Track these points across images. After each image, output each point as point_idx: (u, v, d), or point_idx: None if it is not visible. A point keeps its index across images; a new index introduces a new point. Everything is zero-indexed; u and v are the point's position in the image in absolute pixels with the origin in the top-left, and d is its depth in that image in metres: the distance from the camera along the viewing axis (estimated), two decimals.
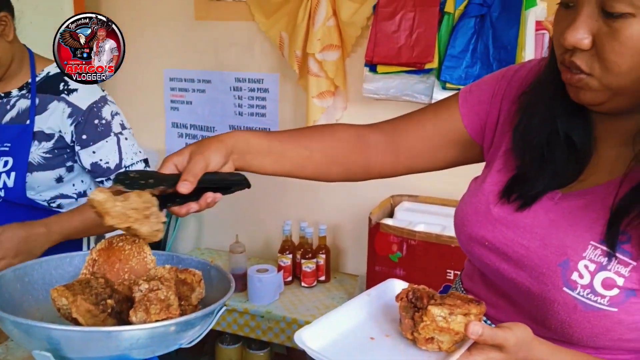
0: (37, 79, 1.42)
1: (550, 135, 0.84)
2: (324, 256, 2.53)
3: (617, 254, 0.76)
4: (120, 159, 1.44)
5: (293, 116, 2.69)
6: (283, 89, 2.68)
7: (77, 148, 1.41)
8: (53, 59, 1.45)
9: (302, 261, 2.50)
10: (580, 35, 0.72)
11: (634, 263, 0.75)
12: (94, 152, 1.42)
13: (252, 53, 2.70)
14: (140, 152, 1.49)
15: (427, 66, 2.18)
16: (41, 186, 1.41)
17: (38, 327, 0.67)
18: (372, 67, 2.30)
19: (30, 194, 1.41)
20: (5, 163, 1.38)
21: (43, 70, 1.44)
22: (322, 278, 2.55)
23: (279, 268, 2.50)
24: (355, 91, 2.49)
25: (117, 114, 1.46)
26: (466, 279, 0.99)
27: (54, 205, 1.45)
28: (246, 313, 2.37)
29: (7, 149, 1.38)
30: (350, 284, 2.56)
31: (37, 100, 1.40)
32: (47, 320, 0.74)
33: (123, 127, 1.46)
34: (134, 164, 1.45)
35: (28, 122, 1.39)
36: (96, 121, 1.41)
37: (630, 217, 0.75)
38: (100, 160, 1.42)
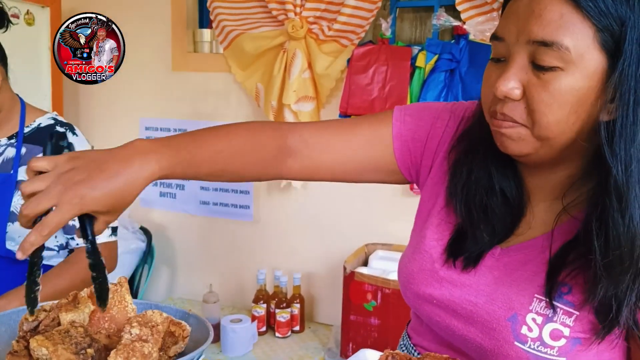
0: (28, 129, 1.42)
1: (483, 193, 0.85)
2: (298, 305, 2.51)
3: (561, 305, 0.78)
4: None
5: None
6: None
7: None
8: (45, 110, 1.47)
9: (277, 311, 2.48)
10: (512, 85, 0.74)
11: (577, 313, 0.78)
12: None
13: (229, 103, 2.74)
14: None
15: None
16: (21, 237, 1.39)
17: None
18: (347, 117, 2.36)
19: (9, 245, 1.39)
20: None
21: (34, 122, 1.43)
22: (297, 328, 2.53)
23: (253, 318, 2.47)
24: None
25: None
26: (414, 334, 0.98)
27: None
28: None
29: None
30: (324, 334, 2.54)
31: (24, 150, 1.40)
32: None
33: None
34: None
35: (12, 171, 1.38)
36: None
37: (567, 269, 0.78)
38: None
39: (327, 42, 2.40)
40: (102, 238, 1.43)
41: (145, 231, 2.79)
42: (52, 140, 0.75)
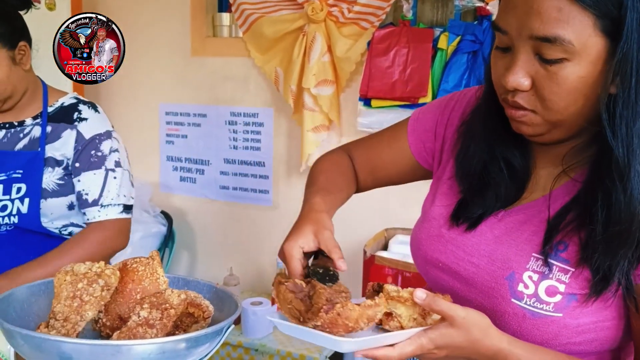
0: (52, 109, 1.44)
1: (488, 162, 0.89)
2: None
3: (557, 263, 0.81)
4: (100, 195, 1.41)
5: (287, 150, 2.72)
6: (277, 123, 2.71)
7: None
8: (66, 91, 1.48)
9: None
10: (520, 79, 0.76)
11: (573, 270, 0.80)
12: (79, 181, 1.41)
13: (247, 88, 2.74)
14: (125, 196, 1.46)
15: (421, 100, 2.23)
16: (54, 213, 1.41)
17: (48, 341, 0.67)
18: (367, 102, 2.35)
19: (43, 222, 1.41)
20: (19, 190, 1.38)
21: (57, 101, 1.46)
22: None
23: (273, 301, 2.49)
24: (349, 125, 2.53)
25: (116, 150, 1.46)
26: None
27: (65, 232, 1.45)
28: (240, 346, 2.34)
29: (19, 175, 1.39)
30: None
31: (49, 129, 1.42)
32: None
33: (118, 164, 1.45)
34: (110, 205, 1.42)
35: (39, 149, 1.40)
36: (93, 152, 1.42)
37: (565, 227, 0.81)
38: (82, 190, 1.41)
39: (347, 24, 2.38)
40: (112, 214, 1.43)
41: (166, 215, 2.81)
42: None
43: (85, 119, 1.43)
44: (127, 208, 1.47)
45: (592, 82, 0.74)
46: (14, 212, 1.38)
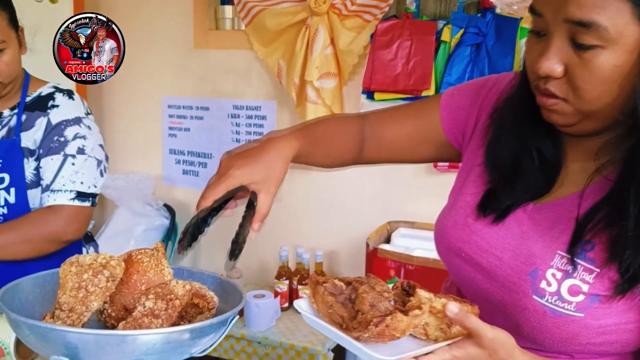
0: (29, 98, 1.44)
1: (519, 152, 0.87)
2: None
3: (582, 262, 0.79)
4: (52, 181, 1.38)
5: None
6: (280, 116, 2.71)
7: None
8: (47, 81, 1.48)
9: (299, 287, 2.49)
10: (553, 66, 0.75)
11: (598, 270, 0.78)
12: (40, 167, 1.40)
13: (250, 81, 2.73)
14: (81, 183, 1.40)
15: (424, 93, 2.23)
16: (36, 204, 1.41)
17: (54, 331, 0.67)
18: (370, 95, 2.34)
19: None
20: (2, 180, 1.38)
21: (36, 91, 1.46)
22: None
23: (276, 294, 2.49)
24: None
25: (82, 137, 1.42)
26: None
27: None
28: (243, 339, 2.35)
29: None
30: None
31: (24, 117, 1.41)
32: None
33: (81, 152, 1.41)
34: (60, 190, 1.38)
35: (14, 137, 1.40)
36: (55, 137, 1.40)
37: (594, 227, 0.79)
38: (42, 175, 1.40)
39: (350, 17, 2.37)
40: (61, 200, 1.39)
41: (168, 208, 2.82)
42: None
43: (57, 106, 1.42)
44: (83, 196, 1.40)
45: (627, 72, 0.72)
46: (2, 202, 1.38)
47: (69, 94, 1.47)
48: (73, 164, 1.39)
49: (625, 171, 0.77)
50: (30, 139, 1.40)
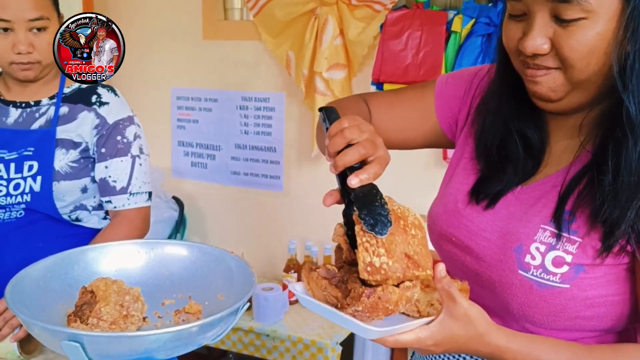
0: (69, 90, 1.44)
1: (504, 137, 0.90)
2: None
3: (565, 234, 0.81)
4: (129, 183, 1.42)
5: (298, 135, 2.70)
6: (289, 108, 2.69)
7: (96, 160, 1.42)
8: None
9: None
10: (539, 43, 0.77)
11: (581, 240, 0.80)
12: (106, 167, 1.41)
13: (259, 72, 2.72)
14: (148, 183, 1.47)
15: None
16: (67, 196, 1.40)
17: (65, 333, 0.67)
18: (379, 86, 2.32)
19: (57, 205, 1.40)
20: (30, 167, 1.37)
21: (74, 83, 1.45)
22: None
23: (284, 287, 2.48)
24: None
25: (139, 136, 1.46)
26: None
27: (73, 217, 1.44)
28: (251, 332, 2.34)
29: (30, 153, 1.38)
30: None
31: (66, 109, 1.41)
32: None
33: (141, 151, 1.46)
34: (138, 193, 1.44)
35: (51, 127, 1.40)
36: (118, 137, 1.42)
37: (575, 198, 0.81)
38: (109, 177, 1.41)
39: (360, 7, 2.35)
40: (140, 202, 1.44)
41: (177, 201, 2.81)
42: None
43: (107, 103, 1.43)
44: (150, 196, 1.48)
45: (609, 39, 0.75)
46: (27, 190, 1.37)
47: (113, 90, 1.48)
48: (140, 164, 1.44)
49: (603, 133, 0.80)
50: (72, 131, 1.40)
